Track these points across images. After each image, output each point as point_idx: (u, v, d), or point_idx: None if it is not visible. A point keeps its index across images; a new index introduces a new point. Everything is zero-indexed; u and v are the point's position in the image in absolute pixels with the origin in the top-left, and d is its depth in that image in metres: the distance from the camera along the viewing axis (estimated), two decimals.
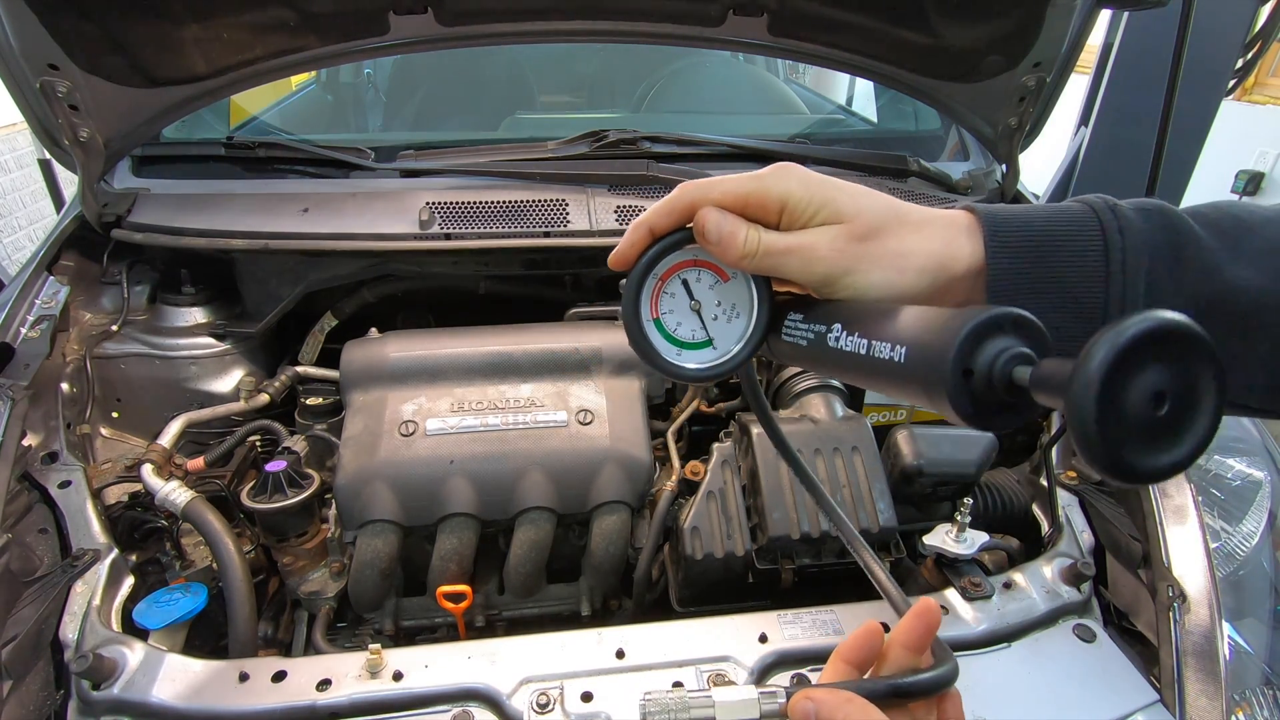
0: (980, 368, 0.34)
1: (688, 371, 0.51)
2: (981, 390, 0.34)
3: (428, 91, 2.30)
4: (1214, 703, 0.88)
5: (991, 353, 0.34)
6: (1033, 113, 1.49)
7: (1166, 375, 0.30)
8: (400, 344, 1.25)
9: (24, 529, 1.02)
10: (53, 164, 1.77)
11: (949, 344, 0.34)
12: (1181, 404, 0.30)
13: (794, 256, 0.46)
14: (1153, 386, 0.29)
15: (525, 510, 1.11)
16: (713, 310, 0.51)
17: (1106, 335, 0.29)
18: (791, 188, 0.46)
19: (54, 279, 1.36)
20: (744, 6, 1.35)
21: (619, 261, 0.50)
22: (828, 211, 0.46)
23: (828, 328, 0.44)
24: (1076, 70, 1.48)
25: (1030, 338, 0.34)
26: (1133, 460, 0.29)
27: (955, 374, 0.34)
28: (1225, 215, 0.46)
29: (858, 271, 0.45)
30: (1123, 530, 1.09)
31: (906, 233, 0.46)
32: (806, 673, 0.89)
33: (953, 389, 0.34)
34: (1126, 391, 0.29)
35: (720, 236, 0.46)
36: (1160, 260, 0.45)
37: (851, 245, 0.46)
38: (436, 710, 0.85)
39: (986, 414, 0.35)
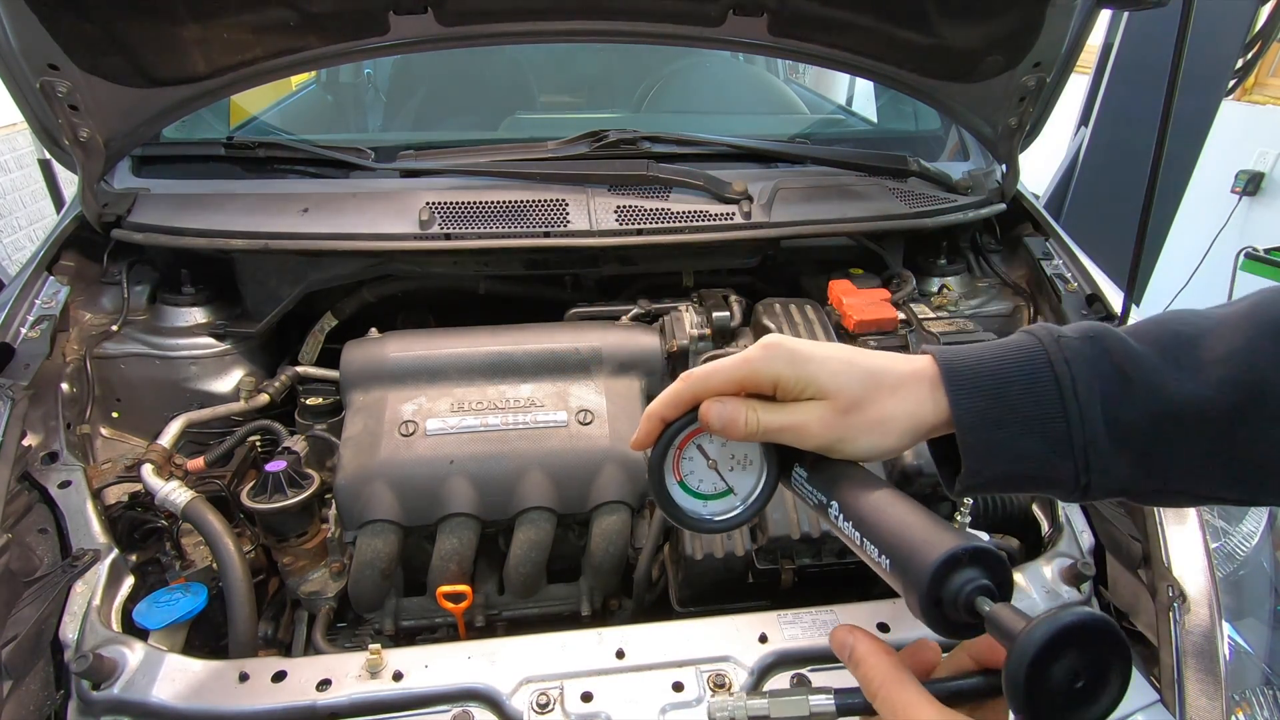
0: (948, 596, 0.42)
1: (715, 523, 0.58)
2: (949, 612, 0.42)
3: (428, 91, 2.30)
4: (1214, 703, 0.88)
5: (957, 584, 0.42)
6: (1033, 113, 1.49)
7: (1082, 659, 0.37)
8: (400, 344, 1.25)
9: (24, 529, 1.02)
10: (53, 164, 1.77)
11: (923, 574, 0.42)
12: (1095, 678, 0.38)
13: (789, 433, 0.53)
14: (1072, 667, 0.37)
15: (525, 510, 1.11)
16: (728, 463, 0.57)
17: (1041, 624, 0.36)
18: (779, 370, 0.52)
19: (54, 279, 1.36)
20: (744, 6, 1.35)
21: (638, 446, 0.57)
22: (814, 389, 0.52)
23: (828, 500, 0.52)
24: (1076, 70, 1.48)
25: (988, 567, 0.42)
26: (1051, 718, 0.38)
27: (928, 603, 0.42)
28: (1165, 331, 0.51)
29: (847, 440, 0.52)
30: (1123, 530, 1.09)
31: (884, 399, 0.52)
32: (806, 673, 0.89)
33: (925, 611, 0.42)
34: (1051, 670, 0.37)
35: (724, 424, 0.52)
36: (1110, 383, 0.49)
37: (838, 419, 0.51)
38: (436, 710, 0.85)
39: (951, 629, 0.43)
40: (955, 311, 1.46)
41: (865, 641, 0.49)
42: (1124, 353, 0.50)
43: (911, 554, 0.44)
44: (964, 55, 1.42)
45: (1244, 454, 0.48)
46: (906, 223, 1.49)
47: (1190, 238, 4.10)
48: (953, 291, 1.57)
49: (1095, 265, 1.53)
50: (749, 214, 1.44)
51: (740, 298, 1.44)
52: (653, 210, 1.43)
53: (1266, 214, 4.09)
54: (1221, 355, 0.48)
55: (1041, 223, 1.64)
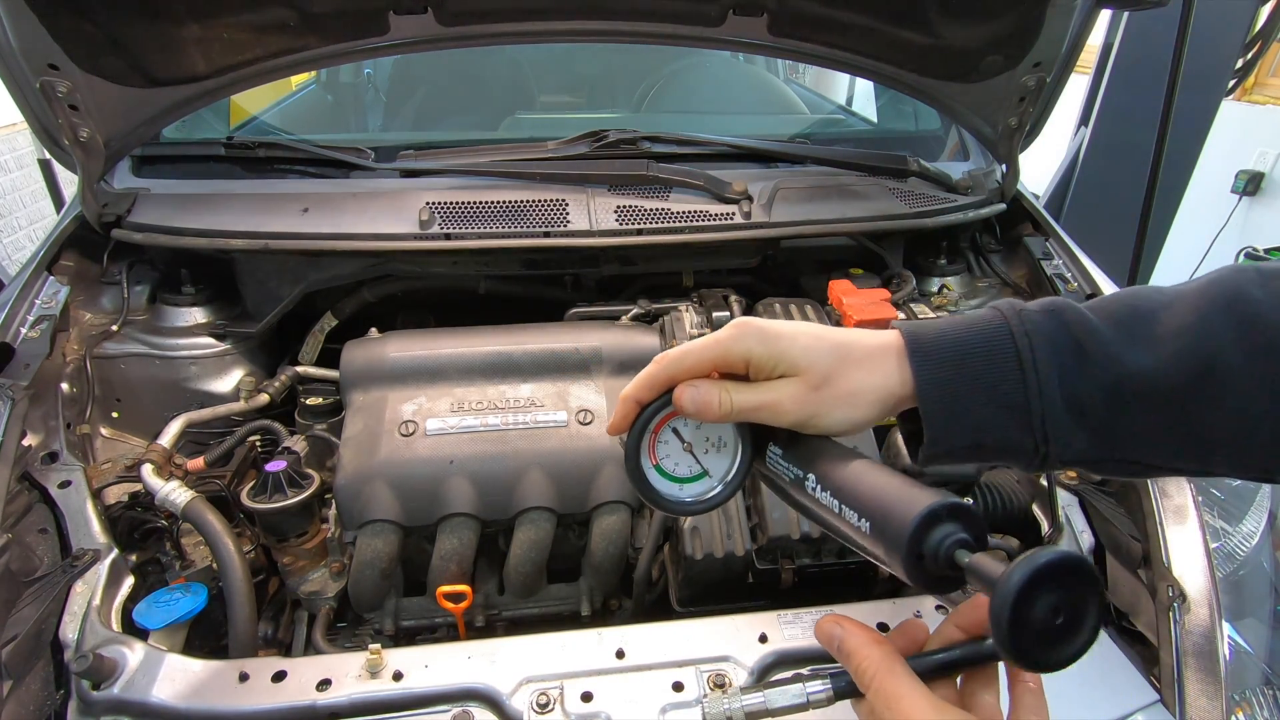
0: (929, 551, 0.43)
1: (691, 505, 0.59)
2: (930, 567, 0.44)
3: (428, 91, 2.30)
4: (1214, 703, 0.88)
5: (937, 539, 0.43)
6: (1033, 113, 1.49)
7: (1062, 595, 0.39)
8: (400, 344, 1.25)
9: (24, 529, 1.02)
10: (53, 164, 1.77)
11: (903, 531, 0.43)
12: (1072, 615, 0.40)
13: (763, 411, 0.54)
14: (1051, 604, 0.39)
15: (525, 510, 1.11)
16: (703, 446, 0.58)
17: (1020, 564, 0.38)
18: (751, 347, 0.53)
19: (54, 279, 1.36)
20: (744, 6, 1.35)
21: (614, 430, 0.58)
22: (784, 365, 0.53)
23: (804, 474, 0.53)
24: (1076, 70, 1.48)
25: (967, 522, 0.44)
26: (1037, 655, 0.40)
27: (911, 559, 0.43)
28: (1123, 306, 0.53)
29: (820, 415, 0.53)
30: (1123, 530, 1.09)
31: (852, 371, 0.53)
32: (806, 673, 0.89)
33: (909, 568, 0.44)
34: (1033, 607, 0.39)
35: (698, 407, 0.54)
36: (1066, 354, 0.51)
37: (810, 394, 0.53)
38: (436, 710, 0.85)
39: (934, 583, 0.44)
40: (955, 311, 1.46)
41: (855, 634, 0.49)
42: (1082, 326, 0.51)
43: (890, 514, 0.45)
44: (964, 55, 1.42)
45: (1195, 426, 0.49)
46: (906, 223, 1.49)
47: (1190, 238, 4.10)
48: (953, 291, 1.57)
49: (1095, 265, 1.53)
50: (749, 214, 1.44)
51: (740, 298, 1.44)
52: (653, 210, 1.43)
53: (1266, 214, 4.09)
54: (1175, 329, 0.49)
55: (1041, 223, 1.64)
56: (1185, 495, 1.07)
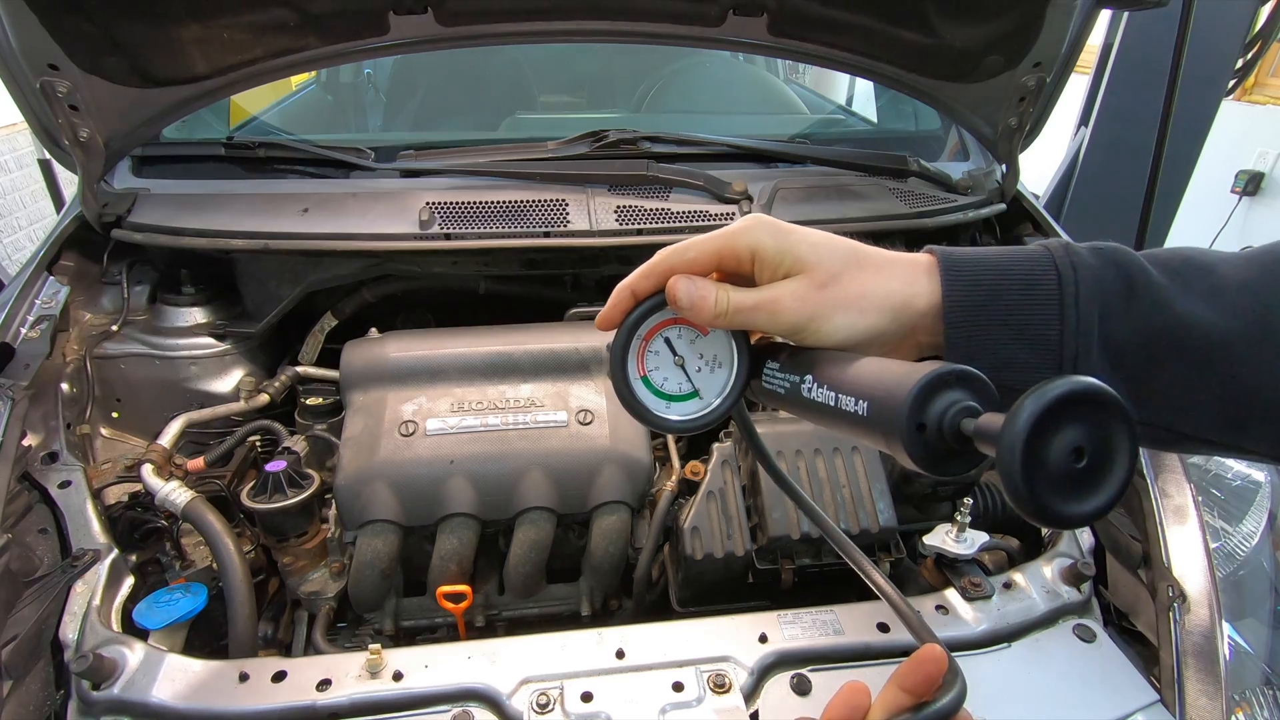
0: (931, 421, 0.38)
1: (676, 424, 0.54)
2: (934, 441, 0.38)
3: (428, 91, 2.30)
4: (1214, 703, 0.88)
5: (941, 406, 0.37)
6: (1033, 113, 1.49)
7: (1084, 432, 0.33)
8: (400, 344, 1.25)
9: (24, 529, 1.02)
10: (53, 164, 1.77)
11: (903, 400, 0.38)
12: (1099, 458, 0.34)
13: (761, 312, 0.49)
14: (1072, 443, 0.33)
15: (525, 510, 1.11)
16: (695, 363, 0.54)
17: (1030, 397, 0.32)
18: (759, 238, 0.49)
19: (54, 279, 1.36)
20: (744, 6, 1.35)
21: (605, 323, 0.53)
22: (791, 260, 0.49)
23: (800, 378, 0.48)
24: (1076, 70, 1.48)
25: (976, 391, 0.38)
26: (1057, 507, 0.33)
27: (910, 428, 0.37)
28: (1176, 256, 0.49)
29: (821, 317, 0.48)
30: (1123, 530, 1.09)
31: (866, 276, 0.49)
32: (806, 673, 0.89)
33: (908, 441, 0.38)
34: (1049, 447, 0.33)
35: (692, 301, 0.49)
36: (1112, 295, 0.47)
37: (813, 293, 0.48)
38: (436, 710, 0.85)
39: (939, 461, 0.38)
40: None
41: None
42: (1134, 267, 0.48)
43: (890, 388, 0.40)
44: (964, 55, 1.42)
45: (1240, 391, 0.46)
46: (906, 223, 1.49)
47: (1190, 238, 4.10)
48: None
49: None
50: (749, 214, 1.44)
51: None
52: (653, 210, 1.43)
53: (1266, 214, 4.09)
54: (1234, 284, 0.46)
55: (1041, 223, 1.64)
56: (1185, 495, 1.07)
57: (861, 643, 0.93)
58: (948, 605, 0.98)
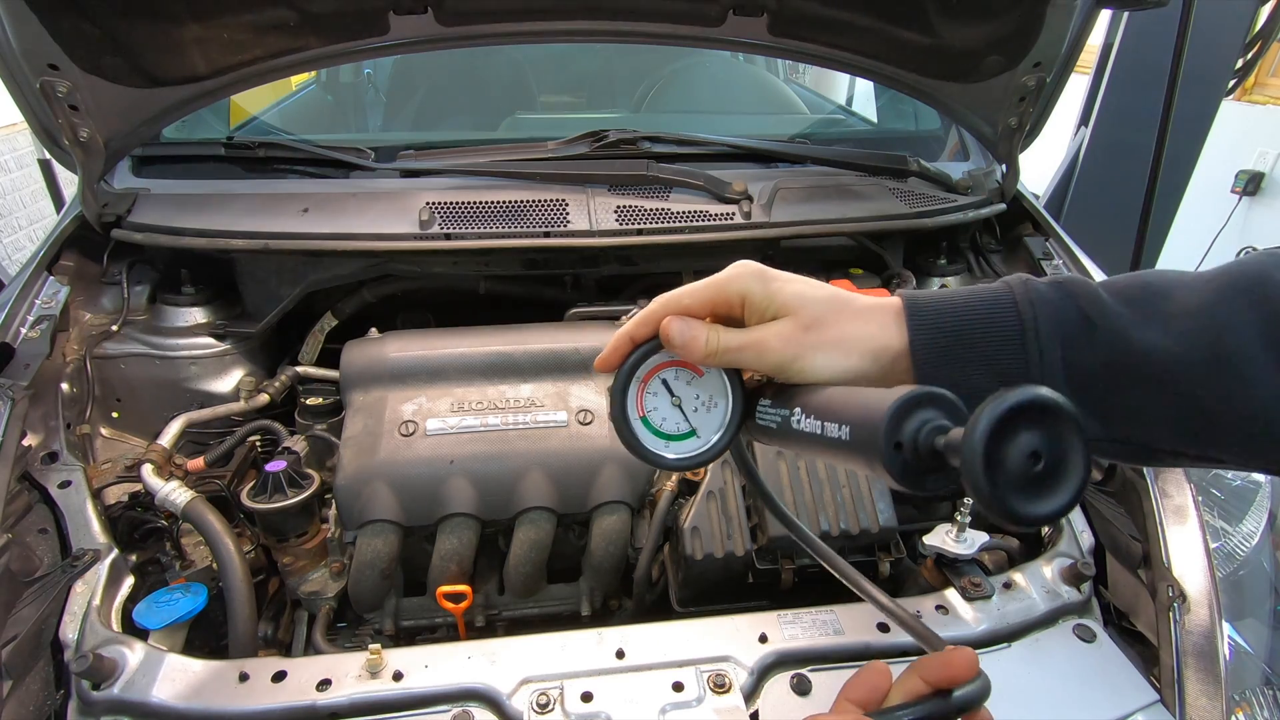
0: (907, 440, 0.40)
1: (674, 462, 0.57)
2: (910, 459, 0.40)
3: (428, 91, 2.30)
4: (1214, 703, 0.88)
5: (915, 425, 0.40)
6: (1033, 113, 1.49)
7: (1039, 438, 0.36)
8: (400, 344, 1.25)
9: (24, 529, 1.02)
10: (53, 164, 1.77)
11: (880, 421, 0.40)
12: (1055, 461, 0.36)
13: (749, 351, 0.52)
14: (1028, 447, 0.35)
15: (525, 510, 1.11)
16: (692, 403, 0.57)
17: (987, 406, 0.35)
18: (748, 285, 0.53)
19: (54, 279, 1.36)
20: (744, 6, 1.35)
21: (604, 365, 0.57)
22: (777, 305, 0.52)
23: (790, 411, 0.50)
24: (1076, 70, 1.48)
25: (947, 411, 0.41)
26: (1020, 507, 0.35)
27: (888, 446, 0.40)
28: (1136, 283, 0.51)
29: (804, 358, 0.51)
30: (1123, 530, 1.09)
31: (846, 320, 0.52)
32: (807, 673, 0.89)
33: (887, 460, 0.40)
34: (1007, 451, 0.35)
35: (684, 340, 0.52)
36: (1072, 327, 0.50)
37: (798, 335, 0.51)
38: (436, 710, 0.85)
39: (916, 478, 0.40)
40: None
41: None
42: (1090, 300, 0.50)
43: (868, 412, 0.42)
44: (964, 55, 1.42)
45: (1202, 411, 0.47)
46: (906, 223, 1.49)
47: (1190, 238, 4.10)
48: None
49: (1095, 265, 1.53)
50: (749, 214, 1.44)
51: None
52: (653, 210, 1.43)
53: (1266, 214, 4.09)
54: (1189, 309, 0.48)
55: (1041, 223, 1.64)
56: (1185, 495, 1.07)
57: (861, 643, 0.93)
58: (948, 605, 0.98)
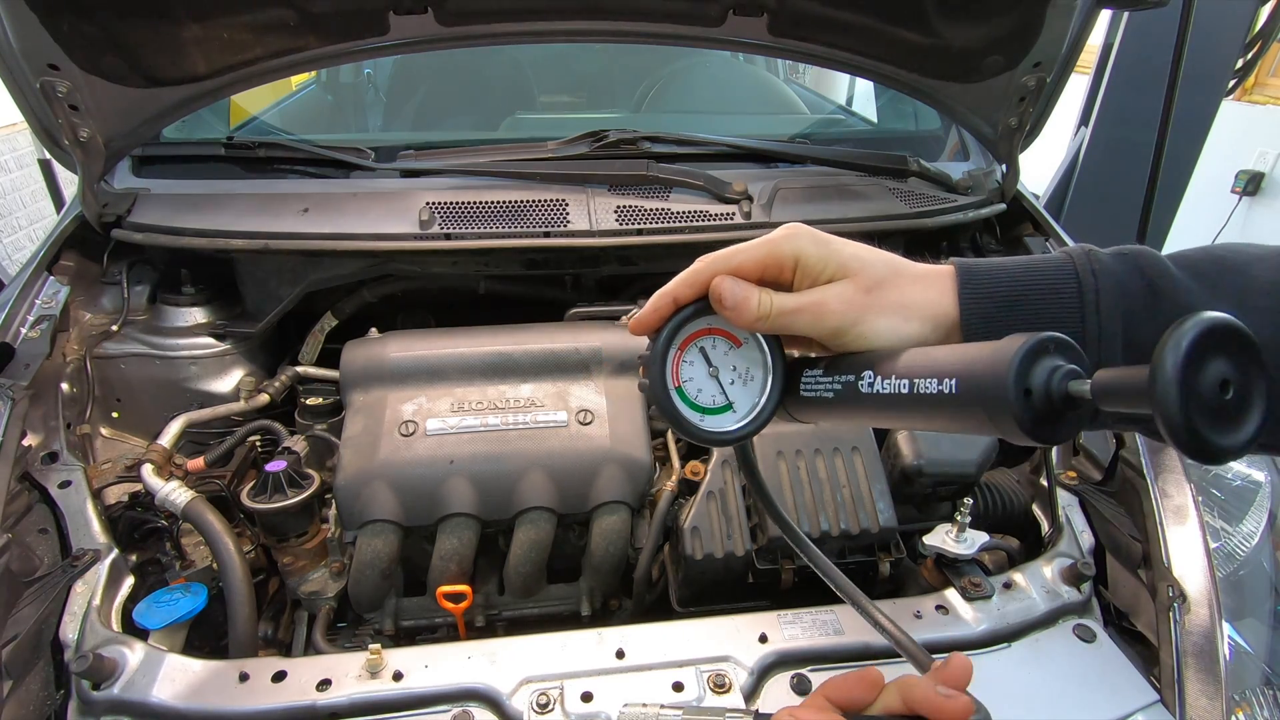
0: (1037, 386, 0.37)
1: (714, 435, 0.53)
2: (1041, 406, 0.37)
3: (428, 91, 2.30)
4: (1214, 703, 0.88)
5: (1044, 371, 0.37)
6: (1033, 113, 1.49)
7: (1227, 365, 0.34)
8: (400, 344, 1.25)
9: (24, 529, 1.02)
10: (53, 164, 1.77)
11: (1005, 368, 0.37)
12: (1241, 390, 0.34)
13: (805, 314, 0.49)
14: (1219, 375, 0.33)
15: (525, 510, 1.11)
16: (729, 375, 0.53)
17: (1173, 337, 0.33)
18: (803, 245, 0.50)
19: (54, 279, 1.36)
20: (744, 6, 1.35)
21: (641, 327, 0.53)
22: (834, 267, 0.50)
23: (857, 376, 0.47)
24: (1076, 70, 1.48)
25: (1073, 358, 0.38)
26: (1215, 439, 0.33)
27: (1017, 394, 0.36)
28: (1207, 257, 0.48)
29: (865, 321, 0.49)
30: (1123, 530, 1.09)
31: (906, 284, 0.50)
32: (807, 672, 0.89)
33: (1017, 408, 0.37)
34: (1200, 380, 0.33)
35: (736, 302, 0.49)
36: (1136, 299, 0.47)
37: (859, 297, 0.49)
38: (436, 710, 0.85)
39: (1049, 427, 0.37)
40: None
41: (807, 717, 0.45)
42: (1158, 271, 0.47)
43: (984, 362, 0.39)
44: (964, 55, 1.42)
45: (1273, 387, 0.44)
46: (906, 223, 1.49)
47: (1190, 238, 4.10)
48: None
49: None
50: (749, 214, 1.44)
51: None
52: (653, 210, 1.43)
53: (1266, 214, 4.10)
54: (1265, 286, 0.45)
55: (1041, 223, 1.64)
56: (1185, 495, 1.07)
57: (861, 642, 0.93)
58: (948, 605, 0.98)
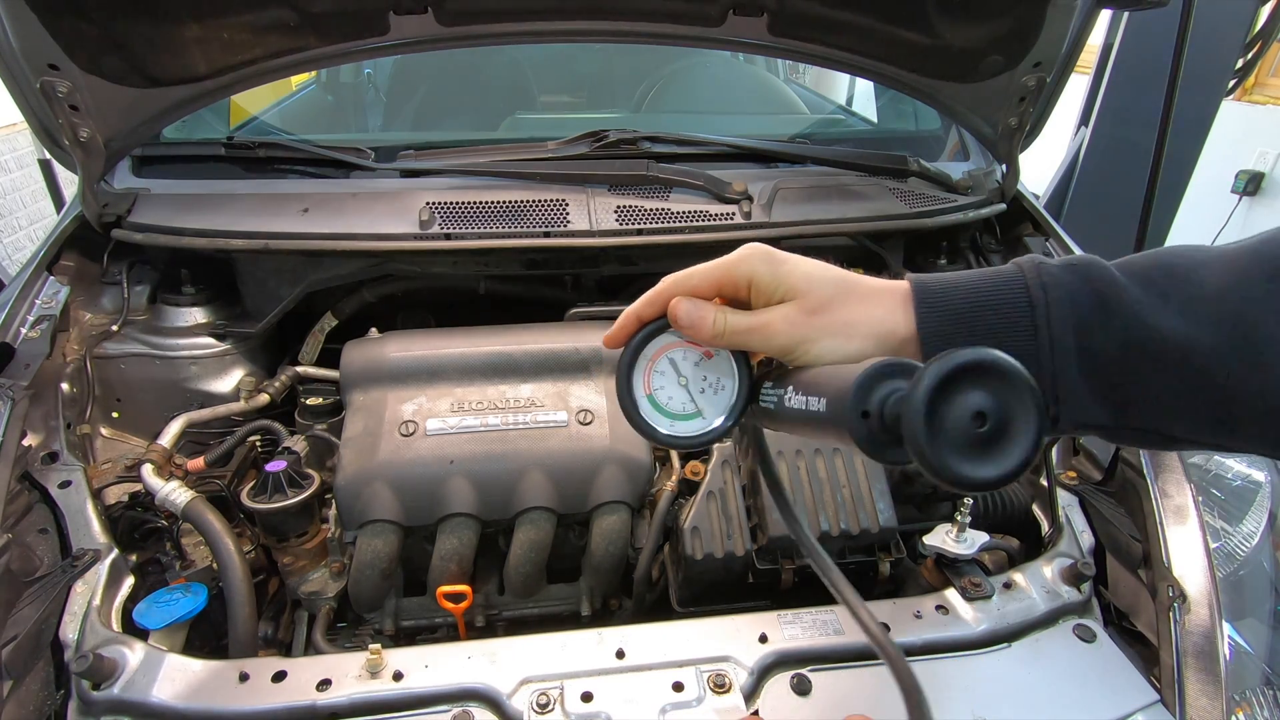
0: (874, 408, 0.40)
1: (679, 440, 0.57)
2: (877, 428, 0.40)
3: (428, 91, 2.30)
4: (1214, 703, 0.88)
5: (883, 394, 0.40)
6: (1033, 113, 1.49)
7: (986, 399, 0.35)
8: (400, 344, 1.25)
9: (24, 529, 1.02)
10: (53, 164, 1.77)
11: (848, 391, 0.40)
12: (1002, 425, 0.35)
13: (755, 334, 0.52)
14: (973, 407, 0.35)
15: (525, 510, 1.11)
16: (699, 384, 0.57)
17: (933, 365, 0.35)
18: (755, 266, 0.53)
19: (54, 279, 1.36)
20: (744, 6, 1.35)
21: (611, 342, 0.57)
22: (784, 288, 0.52)
23: (785, 390, 0.51)
24: (1076, 70, 1.48)
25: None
26: (957, 467, 0.35)
27: (855, 415, 0.40)
28: (1156, 265, 0.49)
29: (810, 340, 0.51)
30: (1123, 530, 1.09)
31: (853, 304, 0.52)
32: (807, 672, 0.89)
33: (854, 427, 0.40)
34: (950, 409, 0.35)
35: (691, 321, 0.52)
36: (1086, 310, 0.48)
37: (804, 318, 0.51)
38: (436, 710, 0.85)
39: (881, 448, 0.40)
40: None
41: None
42: (1107, 282, 0.49)
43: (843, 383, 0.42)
44: (964, 55, 1.42)
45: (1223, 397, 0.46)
46: (906, 223, 1.49)
47: (1190, 238, 4.09)
48: None
49: None
50: (749, 214, 1.44)
51: None
52: (653, 210, 1.43)
53: (1266, 214, 4.10)
54: (1211, 293, 0.46)
55: (1041, 223, 1.64)
56: (1185, 495, 1.07)
57: (861, 642, 0.92)
58: (948, 605, 0.98)
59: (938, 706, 0.87)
